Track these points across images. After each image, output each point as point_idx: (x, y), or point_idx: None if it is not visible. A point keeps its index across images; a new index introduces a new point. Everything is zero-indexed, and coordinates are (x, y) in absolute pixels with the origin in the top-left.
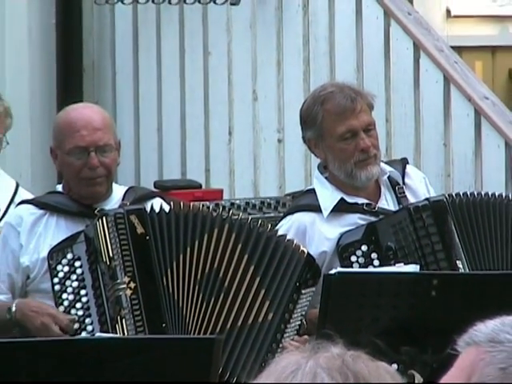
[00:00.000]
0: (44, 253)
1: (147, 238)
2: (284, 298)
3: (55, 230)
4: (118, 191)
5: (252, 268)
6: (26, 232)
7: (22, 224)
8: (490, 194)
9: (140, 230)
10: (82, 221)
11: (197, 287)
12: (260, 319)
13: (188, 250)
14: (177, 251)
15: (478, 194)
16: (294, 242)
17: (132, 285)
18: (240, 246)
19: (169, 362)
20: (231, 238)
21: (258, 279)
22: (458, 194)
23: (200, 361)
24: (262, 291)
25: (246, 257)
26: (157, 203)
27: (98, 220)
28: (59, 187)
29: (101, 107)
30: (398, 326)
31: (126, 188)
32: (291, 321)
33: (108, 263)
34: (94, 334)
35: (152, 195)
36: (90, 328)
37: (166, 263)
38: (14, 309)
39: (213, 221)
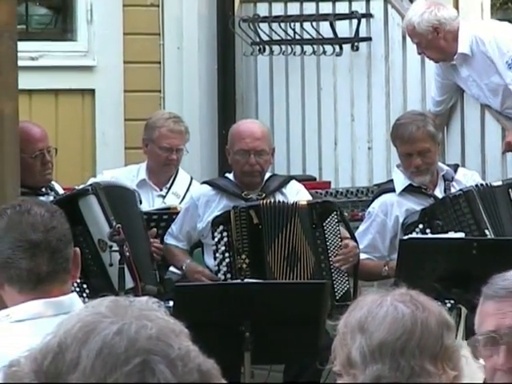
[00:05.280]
0: None
1: (260, 227)
2: (312, 240)
3: (222, 208)
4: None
5: (307, 240)
6: (202, 206)
7: (200, 199)
8: (502, 182)
9: (255, 220)
10: (238, 201)
11: (283, 260)
12: (313, 267)
13: (280, 235)
14: (275, 236)
15: (489, 185)
16: (295, 203)
17: (247, 261)
18: (302, 227)
19: (293, 298)
20: (298, 223)
21: (309, 246)
22: (482, 184)
23: (314, 298)
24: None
25: (303, 234)
26: (294, 184)
27: (232, 210)
28: (230, 175)
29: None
30: (450, 275)
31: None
32: (327, 247)
33: (234, 243)
34: None
35: (289, 180)
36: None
37: (268, 245)
38: (184, 267)
39: (291, 213)
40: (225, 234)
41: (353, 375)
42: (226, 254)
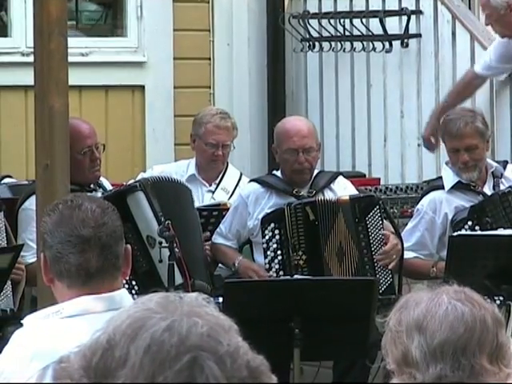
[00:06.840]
0: None
1: (316, 223)
2: (355, 235)
3: (272, 205)
4: None
5: (350, 235)
6: (252, 203)
7: (249, 197)
8: None
9: (312, 217)
10: (288, 198)
11: (335, 256)
12: (357, 261)
13: (332, 231)
14: (328, 232)
15: None
16: (338, 199)
17: (304, 257)
18: (345, 222)
19: (343, 295)
20: (341, 218)
21: (353, 241)
22: None
23: (364, 295)
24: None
25: (347, 229)
26: (341, 180)
27: (286, 207)
28: (278, 173)
29: (307, 119)
30: (499, 271)
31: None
32: (370, 241)
33: (289, 240)
34: None
35: (337, 175)
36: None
37: (324, 241)
38: (237, 264)
39: (336, 209)
40: (277, 231)
41: (409, 374)
42: (279, 252)
